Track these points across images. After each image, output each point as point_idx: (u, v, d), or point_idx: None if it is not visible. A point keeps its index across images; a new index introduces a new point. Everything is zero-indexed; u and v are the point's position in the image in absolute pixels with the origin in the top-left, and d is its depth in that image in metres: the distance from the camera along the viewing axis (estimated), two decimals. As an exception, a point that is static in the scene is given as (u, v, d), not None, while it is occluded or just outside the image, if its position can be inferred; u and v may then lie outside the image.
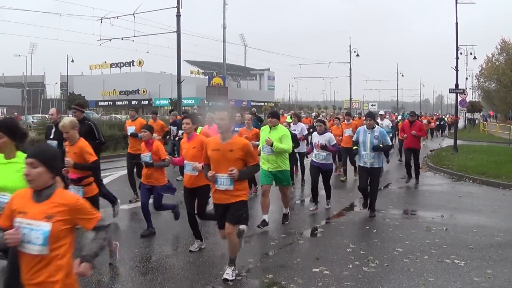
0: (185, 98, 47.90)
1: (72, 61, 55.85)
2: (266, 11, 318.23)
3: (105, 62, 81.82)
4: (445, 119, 38.94)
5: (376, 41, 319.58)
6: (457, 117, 21.58)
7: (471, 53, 33.40)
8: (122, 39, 22.94)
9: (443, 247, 5.88)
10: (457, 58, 19.55)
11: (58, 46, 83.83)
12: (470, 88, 49.44)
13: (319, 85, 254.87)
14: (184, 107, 46.65)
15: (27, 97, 66.10)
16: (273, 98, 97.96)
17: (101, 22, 21.59)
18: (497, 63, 44.09)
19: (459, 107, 20.65)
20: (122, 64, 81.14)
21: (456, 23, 19.11)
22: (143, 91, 77.91)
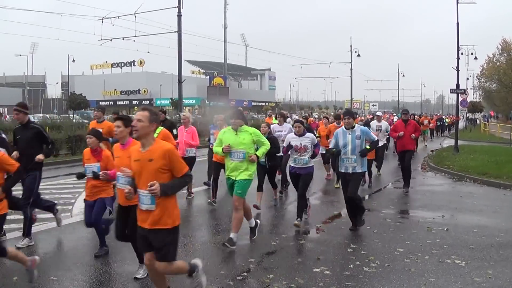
0: (186, 98, 48.01)
1: (73, 61, 55.91)
2: (267, 11, 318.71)
3: (106, 62, 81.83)
4: (445, 120, 38.86)
5: (377, 41, 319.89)
6: (458, 117, 21.59)
7: (472, 53, 33.50)
8: (123, 39, 23.01)
9: (444, 247, 5.88)
10: (458, 58, 19.64)
11: (59, 46, 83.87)
12: (471, 88, 49.63)
13: (320, 85, 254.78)
14: (185, 107, 46.74)
15: (28, 97, 66.04)
16: (274, 98, 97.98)
17: (102, 22, 21.67)
18: (498, 63, 44.21)
19: (460, 107, 20.69)
20: (123, 64, 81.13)
21: (457, 23, 19.14)
22: (144, 91, 77.92)
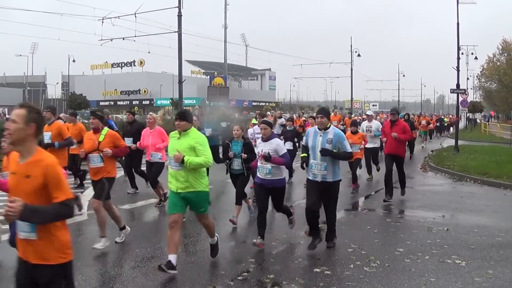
0: (186, 98, 47.91)
1: (74, 61, 55.99)
2: (267, 11, 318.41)
3: (106, 62, 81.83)
4: (444, 120, 38.81)
5: (378, 41, 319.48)
6: (458, 117, 21.59)
7: (472, 53, 33.37)
8: (123, 39, 22.93)
9: (444, 247, 5.88)
10: (458, 58, 19.62)
11: (60, 46, 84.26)
12: (471, 88, 49.53)
13: (321, 85, 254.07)
14: (185, 107, 46.71)
15: (28, 97, 66.09)
16: (274, 98, 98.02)
17: (102, 22, 21.60)
18: (498, 63, 44.19)
19: (461, 107, 20.67)
20: (123, 64, 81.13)
21: (458, 23, 19.14)
22: (144, 91, 77.94)
